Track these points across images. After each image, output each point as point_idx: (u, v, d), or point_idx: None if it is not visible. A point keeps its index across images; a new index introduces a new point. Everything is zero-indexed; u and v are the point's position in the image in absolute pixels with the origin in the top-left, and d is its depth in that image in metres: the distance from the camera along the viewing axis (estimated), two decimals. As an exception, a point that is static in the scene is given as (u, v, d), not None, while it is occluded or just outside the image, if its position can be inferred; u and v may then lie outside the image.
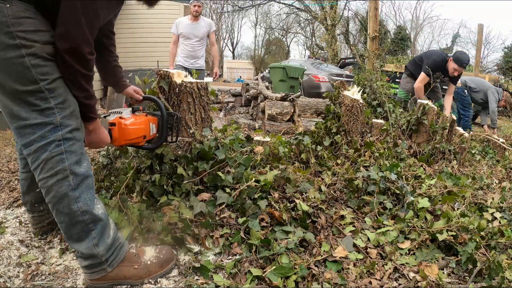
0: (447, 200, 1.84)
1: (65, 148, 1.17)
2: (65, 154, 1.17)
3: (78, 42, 1.12)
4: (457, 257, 1.51)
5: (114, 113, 1.51)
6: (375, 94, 3.30)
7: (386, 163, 2.26)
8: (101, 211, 1.25)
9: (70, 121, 1.18)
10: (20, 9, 1.08)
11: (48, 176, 1.16)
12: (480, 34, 6.72)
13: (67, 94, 1.18)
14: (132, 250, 1.34)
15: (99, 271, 1.25)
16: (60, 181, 1.16)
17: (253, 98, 5.81)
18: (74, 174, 1.18)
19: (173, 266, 1.39)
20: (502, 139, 3.54)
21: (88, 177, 1.23)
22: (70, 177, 1.17)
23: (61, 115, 1.16)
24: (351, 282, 1.34)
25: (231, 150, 1.93)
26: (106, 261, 1.24)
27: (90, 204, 1.21)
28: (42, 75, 1.12)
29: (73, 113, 1.19)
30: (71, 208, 1.18)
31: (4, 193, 2.28)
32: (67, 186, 1.17)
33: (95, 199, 1.25)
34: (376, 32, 4.36)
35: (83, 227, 1.21)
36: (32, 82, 1.11)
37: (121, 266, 1.28)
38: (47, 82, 1.13)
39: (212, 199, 1.70)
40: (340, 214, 1.81)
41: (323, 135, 2.64)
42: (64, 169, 1.17)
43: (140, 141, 1.56)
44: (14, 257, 1.48)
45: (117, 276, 1.27)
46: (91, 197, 1.23)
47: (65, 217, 1.19)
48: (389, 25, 22.98)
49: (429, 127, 2.83)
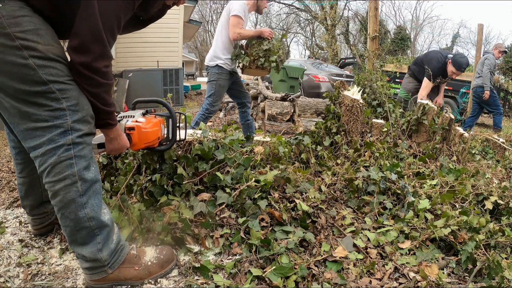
0: (446, 199, 1.84)
1: (75, 152, 1.13)
2: (74, 159, 1.13)
3: (96, 56, 1.08)
4: (457, 257, 1.51)
5: (127, 117, 1.50)
6: (375, 94, 3.30)
7: (386, 163, 2.26)
8: (107, 216, 1.23)
9: (81, 125, 1.14)
10: (15, 7, 1.02)
11: (56, 180, 1.13)
12: (480, 34, 6.71)
13: (80, 97, 1.14)
14: (133, 251, 1.33)
15: (99, 273, 1.24)
16: (68, 187, 1.13)
17: (253, 98, 5.81)
18: (82, 179, 1.15)
19: (173, 266, 1.39)
20: (502, 139, 3.54)
21: (96, 182, 1.20)
22: (78, 182, 1.14)
23: (73, 118, 1.12)
24: (351, 282, 1.34)
25: (231, 150, 1.93)
26: (108, 264, 1.24)
27: (97, 210, 1.19)
28: (51, 75, 1.07)
29: (85, 117, 1.16)
30: (77, 214, 1.16)
31: (4, 193, 2.28)
32: (75, 192, 1.14)
33: (102, 204, 1.22)
34: (376, 32, 4.35)
35: (88, 232, 1.19)
36: (41, 83, 1.06)
37: (121, 267, 1.27)
38: (57, 82, 1.08)
39: (212, 199, 1.70)
40: (341, 215, 1.81)
41: (323, 135, 2.64)
42: (73, 174, 1.13)
43: (156, 143, 1.55)
44: (14, 257, 1.48)
45: (117, 277, 1.27)
46: (98, 202, 1.20)
47: (70, 222, 1.17)
48: (389, 25, 22.98)
49: (429, 127, 2.83)
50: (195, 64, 36.77)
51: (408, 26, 28.24)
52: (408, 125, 2.91)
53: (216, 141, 1.90)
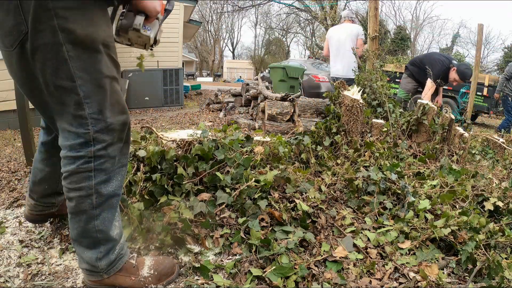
0: (445, 199, 1.84)
1: (95, 165, 1.06)
2: (93, 172, 1.06)
3: None
4: (457, 257, 1.51)
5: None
6: (375, 94, 3.30)
7: (386, 163, 2.26)
8: (117, 231, 1.19)
9: (105, 135, 1.06)
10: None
11: (71, 188, 1.09)
12: (480, 34, 6.70)
13: (105, 102, 1.05)
14: (132, 261, 1.28)
15: (95, 276, 1.21)
16: (82, 198, 1.08)
17: (253, 98, 5.81)
18: (98, 193, 1.09)
19: (172, 279, 1.33)
20: (502, 139, 3.54)
21: (113, 196, 1.14)
22: (93, 196, 1.09)
23: (96, 127, 1.03)
24: (351, 282, 1.34)
25: (231, 150, 1.93)
26: (104, 271, 1.20)
27: (107, 224, 1.14)
28: (80, 70, 0.97)
29: (111, 126, 1.07)
30: (87, 224, 1.12)
31: (4, 193, 2.28)
32: (89, 204, 1.09)
33: (115, 218, 1.17)
34: (376, 32, 4.35)
35: (93, 241, 1.15)
36: (68, 78, 0.97)
37: (118, 275, 1.23)
38: (83, 81, 0.99)
39: (212, 199, 1.70)
40: (342, 215, 1.81)
41: (323, 135, 2.64)
42: (89, 187, 1.07)
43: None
44: (14, 257, 1.48)
45: (112, 283, 1.23)
46: (111, 216, 1.15)
47: (79, 227, 1.13)
48: (389, 25, 22.98)
49: (429, 127, 2.83)
50: (195, 64, 36.82)
51: (408, 26, 28.25)
52: (408, 125, 2.92)
53: (216, 141, 1.91)
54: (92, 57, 1.02)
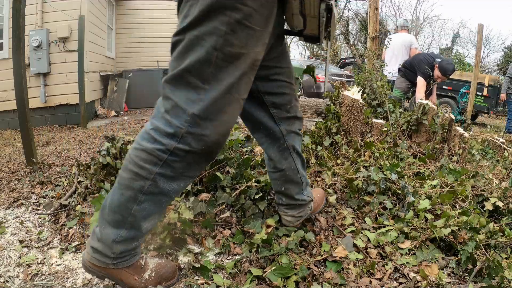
0: (445, 199, 1.84)
1: (167, 159, 1.02)
2: (161, 163, 1.02)
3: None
4: (457, 257, 1.51)
5: None
6: (375, 94, 3.30)
7: (386, 163, 2.26)
8: (148, 225, 1.13)
9: (193, 142, 1.01)
10: None
11: (135, 162, 1.04)
12: (480, 34, 6.71)
13: (217, 115, 1.01)
14: (142, 261, 1.25)
15: (101, 260, 1.16)
16: (138, 176, 1.03)
17: (253, 98, 5.79)
18: (155, 183, 1.04)
19: (172, 284, 1.30)
20: (502, 139, 3.54)
21: (165, 195, 1.09)
22: (148, 181, 1.04)
23: (191, 129, 0.99)
24: (351, 282, 1.34)
25: (230, 150, 1.93)
26: (113, 260, 1.16)
27: (144, 215, 1.09)
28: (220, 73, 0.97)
29: (204, 138, 1.02)
30: (126, 202, 1.07)
31: (4, 193, 2.28)
32: (140, 186, 1.04)
33: (153, 215, 1.12)
34: (376, 32, 4.36)
35: (120, 221, 1.09)
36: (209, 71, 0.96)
37: (124, 270, 1.20)
38: (216, 84, 0.97)
39: (212, 199, 1.70)
40: (342, 215, 1.81)
41: (323, 135, 2.64)
42: (151, 172, 1.03)
43: None
44: (14, 257, 1.48)
45: (114, 276, 1.20)
46: (152, 211, 1.10)
47: (117, 200, 1.07)
48: (389, 25, 22.94)
49: (429, 127, 2.83)
50: (195, 64, 36.70)
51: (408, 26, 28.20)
52: (408, 125, 2.92)
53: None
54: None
